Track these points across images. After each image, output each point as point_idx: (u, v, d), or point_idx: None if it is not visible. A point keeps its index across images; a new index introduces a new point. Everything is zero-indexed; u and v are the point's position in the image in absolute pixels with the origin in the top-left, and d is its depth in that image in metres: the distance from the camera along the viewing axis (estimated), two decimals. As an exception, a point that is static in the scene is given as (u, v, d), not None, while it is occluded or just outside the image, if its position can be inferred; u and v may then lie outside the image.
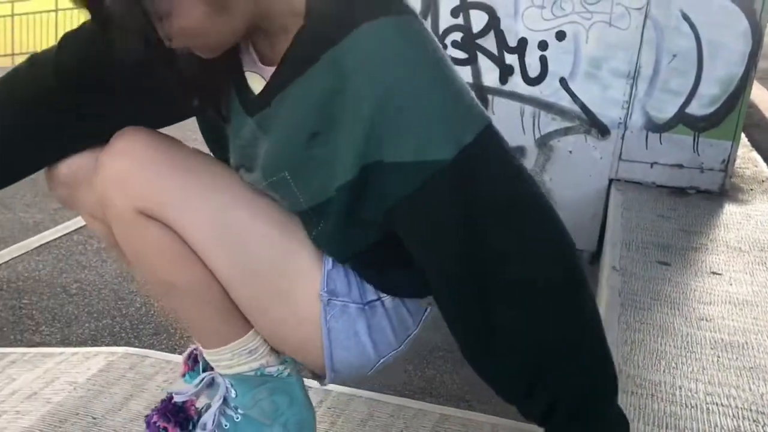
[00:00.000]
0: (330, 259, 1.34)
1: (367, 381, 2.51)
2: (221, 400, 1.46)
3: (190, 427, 1.49)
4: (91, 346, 2.64)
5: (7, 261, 3.34)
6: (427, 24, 3.48)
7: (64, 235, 3.69)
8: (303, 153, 1.22)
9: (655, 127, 3.43)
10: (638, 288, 2.47)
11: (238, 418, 1.46)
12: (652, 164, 3.48)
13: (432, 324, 2.92)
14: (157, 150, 1.30)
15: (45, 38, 16.29)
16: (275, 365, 1.45)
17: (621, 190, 3.44)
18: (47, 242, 3.59)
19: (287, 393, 1.47)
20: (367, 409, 2.10)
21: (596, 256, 3.58)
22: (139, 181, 1.27)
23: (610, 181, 3.53)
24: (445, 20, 3.48)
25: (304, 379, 1.53)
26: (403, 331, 1.42)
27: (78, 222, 3.87)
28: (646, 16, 3.28)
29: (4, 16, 16.32)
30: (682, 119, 3.40)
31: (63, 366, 2.24)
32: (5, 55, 16.50)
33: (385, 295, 1.38)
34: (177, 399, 1.49)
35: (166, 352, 2.47)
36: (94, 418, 1.90)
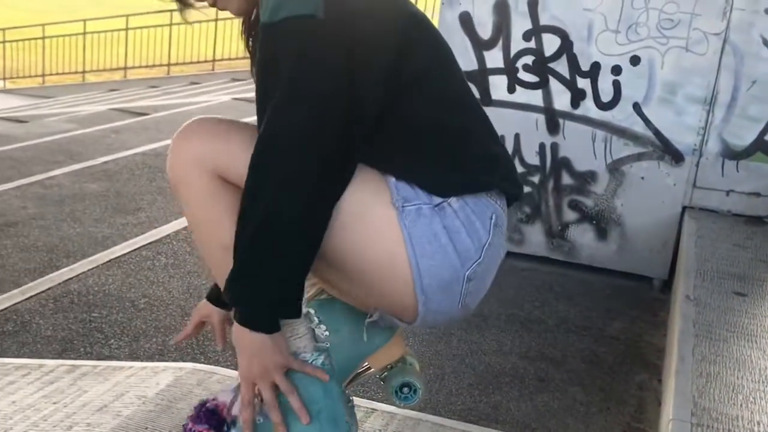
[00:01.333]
0: (393, 175, 1.49)
1: (432, 405, 2.49)
2: None
3: (225, 429, 1.55)
4: (158, 360, 2.67)
5: (78, 275, 3.40)
6: (499, 47, 3.48)
7: (133, 250, 3.75)
8: None
9: (731, 154, 3.35)
10: (713, 319, 2.40)
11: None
12: (728, 192, 3.40)
13: (499, 349, 2.89)
14: (220, 123, 1.52)
15: (115, 56, 16.73)
16: (309, 352, 1.54)
17: (695, 217, 3.36)
18: (117, 257, 3.64)
19: (320, 383, 1.53)
20: (433, 434, 2.08)
21: (667, 284, 3.51)
22: (211, 148, 1.48)
23: (684, 208, 3.45)
24: (517, 43, 3.46)
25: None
26: (476, 234, 1.48)
27: (147, 238, 3.93)
28: (725, 42, 3.21)
29: (75, 35, 16.82)
30: (760, 147, 3.31)
31: (132, 380, 2.26)
32: (76, 73, 17.01)
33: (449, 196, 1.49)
34: (209, 404, 1.58)
35: (232, 369, 2.47)
36: (162, 433, 1.91)
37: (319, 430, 1.52)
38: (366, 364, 1.79)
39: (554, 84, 3.46)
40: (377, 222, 1.45)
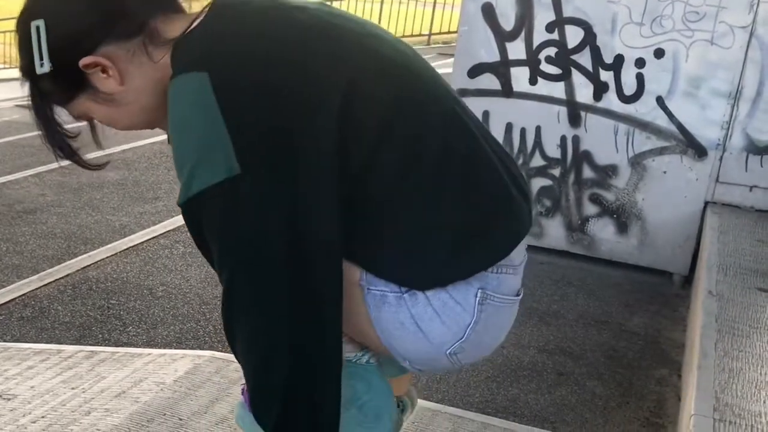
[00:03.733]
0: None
1: (450, 397, 2.48)
2: None
3: None
4: (176, 348, 2.66)
5: (96, 262, 3.40)
6: (521, 38, 3.45)
7: (151, 238, 3.75)
8: None
9: (756, 149, 3.31)
10: (736, 314, 2.38)
11: None
12: (751, 187, 3.36)
13: (517, 342, 2.87)
14: None
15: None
16: (353, 351, 1.50)
17: (717, 213, 3.33)
18: (135, 245, 3.65)
19: (365, 379, 1.52)
20: (452, 426, 2.07)
21: (688, 280, 3.48)
22: None
23: (706, 203, 3.41)
24: (540, 35, 3.43)
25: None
26: (453, 319, 1.36)
27: (164, 226, 3.93)
28: (751, 35, 3.17)
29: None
30: (786, 142, 3.28)
31: (150, 366, 2.26)
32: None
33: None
34: None
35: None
36: (181, 419, 1.91)
37: (361, 422, 1.52)
38: None
39: (577, 76, 3.43)
40: (348, 299, 1.34)
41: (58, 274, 3.22)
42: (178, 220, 4.03)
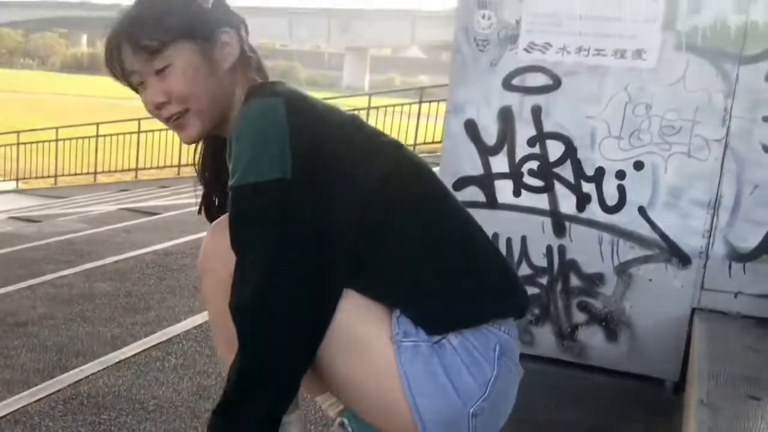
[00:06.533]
0: (397, 309, 1.50)
1: None
2: None
3: None
4: (167, 464, 2.64)
5: (88, 376, 3.40)
6: (504, 152, 3.55)
7: (143, 350, 3.75)
8: None
9: (738, 256, 3.37)
10: (727, 425, 2.38)
11: None
12: (736, 294, 3.41)
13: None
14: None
15: (127, 158, 17.02)
16: None
17: (704, 319, 3.36)
18: (126, 358, 3.65)
19: None
20: None
21: (679, 386, 3.49)
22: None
23: (693, 310, 3.46)
24: (522, 149, 3.53)
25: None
26: (479, 370, 1.45)
27: (157, 337, 3.94)
28: (726, 147, 3.28)
29: (88, 137, 17.17)
30: (766, 249, 3.33)
31: (142, 484, 2.24)
32: (88, 173, 17.29)
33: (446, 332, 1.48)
34: None
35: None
36: None
37: None
38: None
39: (559, 188, 3.52)
40: (376, 355, 1.46)
41: (50, 389, 3.21)
42: (170, 331, 4.04)
